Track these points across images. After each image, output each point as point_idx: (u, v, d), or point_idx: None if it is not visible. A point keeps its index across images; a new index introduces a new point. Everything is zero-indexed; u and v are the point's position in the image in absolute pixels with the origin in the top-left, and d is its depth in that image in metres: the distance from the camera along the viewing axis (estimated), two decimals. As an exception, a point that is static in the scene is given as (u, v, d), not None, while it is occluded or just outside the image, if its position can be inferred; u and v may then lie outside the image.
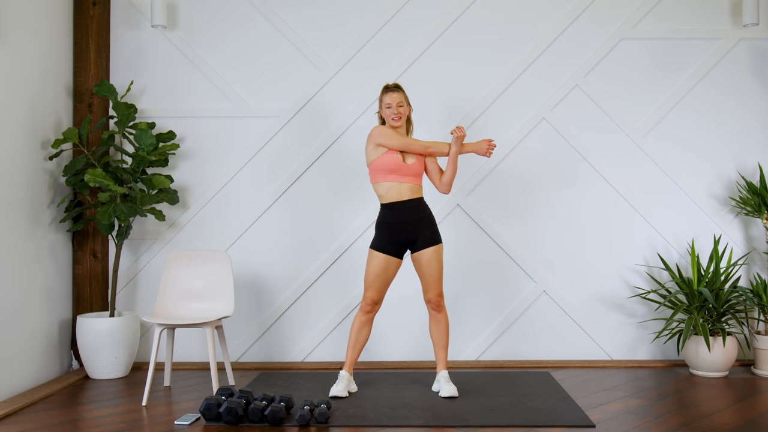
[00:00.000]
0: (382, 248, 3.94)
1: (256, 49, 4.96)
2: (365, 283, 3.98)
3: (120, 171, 4.54)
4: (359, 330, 4.02)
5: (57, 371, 4.57)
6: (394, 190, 3.92)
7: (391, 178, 3.92)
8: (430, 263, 3.93)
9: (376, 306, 4.01)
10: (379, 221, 3.99)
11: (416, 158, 3.96)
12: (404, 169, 3.91)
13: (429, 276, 3.94)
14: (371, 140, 3.95)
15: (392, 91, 3.98)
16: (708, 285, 4.53)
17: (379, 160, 3.92)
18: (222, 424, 3.49)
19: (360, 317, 4.02)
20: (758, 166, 4.82)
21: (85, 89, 4.80)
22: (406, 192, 3.93)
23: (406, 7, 4.94)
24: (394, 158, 3.90)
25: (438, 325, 4.01)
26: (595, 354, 4.86)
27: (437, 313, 4.00)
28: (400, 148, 3.92)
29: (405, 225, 3.92)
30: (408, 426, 3.44)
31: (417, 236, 3.93)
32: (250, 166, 4.93)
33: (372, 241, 4.00)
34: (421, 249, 3.93)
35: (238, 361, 4.88)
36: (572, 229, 4.89)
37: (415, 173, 3.95)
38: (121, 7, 4.96)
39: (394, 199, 3.92)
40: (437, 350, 4.04)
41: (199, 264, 4.36)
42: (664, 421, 3.51)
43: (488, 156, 4.03)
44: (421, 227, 3.93)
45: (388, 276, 3.98)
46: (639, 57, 4.92)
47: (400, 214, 3.92)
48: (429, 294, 3.97)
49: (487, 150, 4.00)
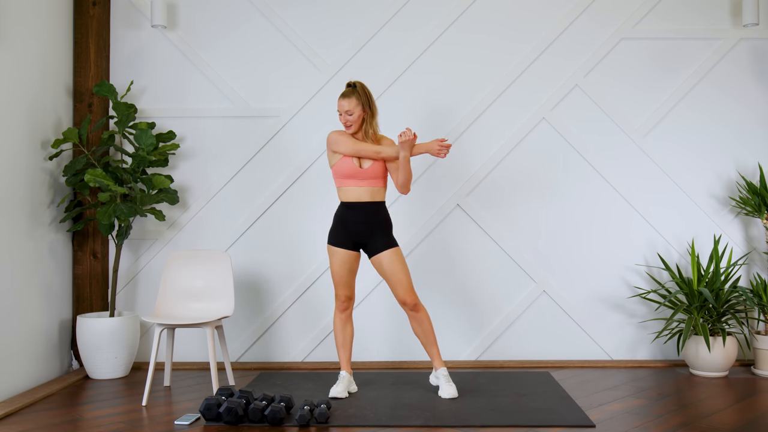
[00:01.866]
0: (339, 243, 3.96)
1: (256, 49, 4.96)
2: (333, 281, 4.02)
3: (120, 171, 4.54)
4: (343, 329, 4.05)
5: (57, 371, 4.57)
6: (353, 193, 3.95)
7: (350, 182, 3.94)
8: (392, 266, 3.93)
9: (350, 301, 4.05)
10: (337, 215, 4.02)
11: (372, 162, 3.95)
12: (361, 173, 3.93)
13: (395, 278, 3.94)
14: (327, 146, 3.99)
15: (342, 97, 3.93)
16: (708, 285, 4.53)
17: (336, 166, 3.95)
18: (222, 424, 3.49)
19: (338, 316, 4.05)
20: (758, 166, 4.82)
21: (85, 89, 4.80)
22: (365, 194, 3.94)
23: (406, 7, 4.94)
24: (350, 164, 3.92)
25: (420, 324, 4.00)
26: (595, 354, 4.86)
27: (416, 312, 3.98)
28: (353, 154, 3.92)
29: (359, 225, 3.94)
30: (408, 426, 3.44)
31: (370, 239, 3.95)
32: (250, 166, 4.93)
33: (328, 236, 4.02)
34: (377, 253, 3.95)
35: (238, 361, 4.88)
36: (572, 229, 4.89)
37: (373, 176, 3.95)
38: (121, 7, 4.96)
39: (352, 200, 3.95)
40: (428, 348, 4.03)
41: (199, 264, 4.36)
42: (664, 421, 3.51)
43: (442, 156, 3.92)
44: (375, 230, 3.95)
45: (352, 269, 4.01)
46: (639, 57, 4.92)
47: (356, 214, 3.94)
48: (400, 294, 3.95)
49: (439, 150, 3.90)
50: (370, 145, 3.97)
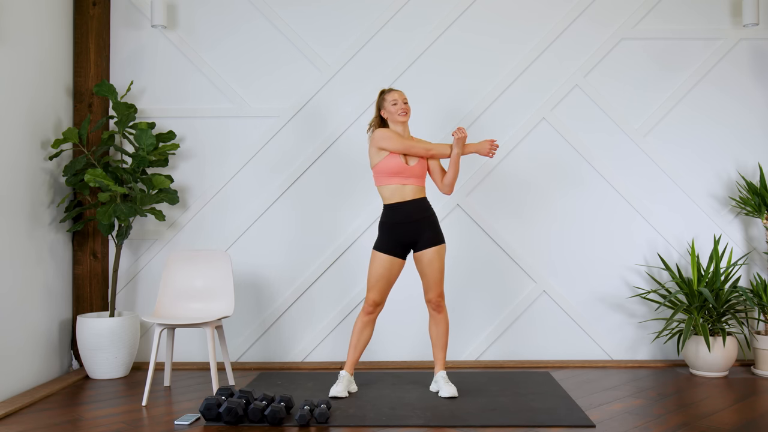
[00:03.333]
0: (386, 249, 3.94)
1: (256, 49, 4.96)
2: (368, 284, 3.99)
3: (120, 171, 4.54)
4: (361, 331, 4.03)
5: (57, 371, 4.57)
6: (397, 192, 3.93)
7: (395, 180, 3.93)
8: (431, 263, 3.93)
9: (378, 307, 4.02)
10: (382, 222, 4.00)
11: (419, 159, 3.97)
12: (407, 171, 3.92)
13: (430, 276, 3.95)
14: (374, 143, 3.96)
15: (395, 90, 4.03)
16: (708, 285, 4.53)
17: (382, 164, 3.93)
18: (222, 424, 3.49)
19: (362, 318, 4.02)
20: (758, 166, 4.82)
21: (85, 89, 4.80)
22: (409, 193, 3.94)
23: (406, 7, 4.94)
24: (397, 161, 3.91)
25: (438, 326, 4.02)
26: (595, 354, 4.86)
27: (437, 313, 4.00)
28: (402, 151, 3.92)
29: (407, 225, 3.92)
30: (408, 426, 3.44)
31: (419, 236, 3.94)
32: (250, 166, 4.93)
33: (375, 242, 4.01)
34: (423, 249, 3.94)
35: (238, 361, 4.88)
36: (572, 229, 4.89)
37: (418, 174, 3.96)
38: (121, 7, 4.96)
39: (397, 200, 3.94)
40: (436, 350, 4.04)
41: (199, 264, 4.36)
42: (664, 421, 3.51)
43: (491, 156, 4.02)
44: (424, 227, 3.94)
45: (391, 277, 3.98)
46: (639, 57, 4.92)
47: (403, 214, 3.92)
48: (429, 294, 3.98)
49: (489, 150, 3.99)
50: (420, 142, 4.01)
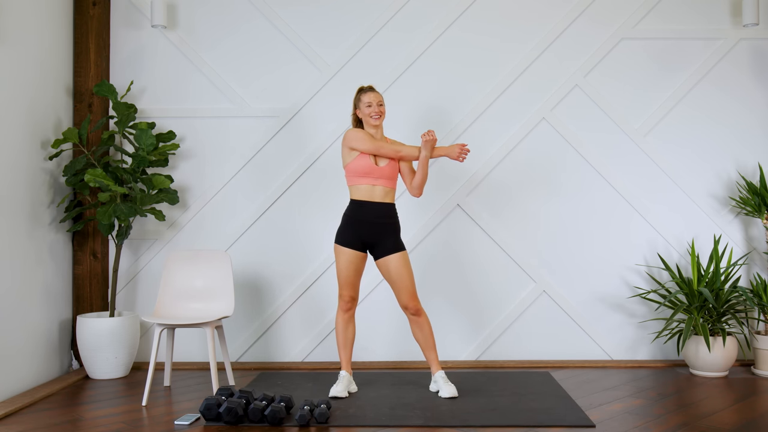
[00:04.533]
0: (347, 243, 3.95)
1: (256, 49, 4.96)
2: (339, 281, 4.01)
3: (120, 171, 4.54)
4: (344, 329, 4.05)
5: (57, 371, 4.57)
6: (366, 192, 3.94)
7: (365, 180, 3.94)
8: (399, 270, 3.93)
9: (354, 302, 4.04)
10: (346, 215, 4.00)
11: (389, 161, 3.96)
12: (376, 171, 3.93)
13: (401, 283, 3.94)
14: (345, 143, 3.98)
15: (371, 90, 4.00)
16: (708, 285, 4.53)
17: (352, 164, 3.94)
18: (222, 424, 3.49)
19: (341, 316, 4.04)
20: (758, 166, 4.82)
21: (85, 89, 4.80)
22: (378, 194, 3.94)
23: (406, 7, 4.94)
24: (367, 161, 3.92)
25: (421, 329, 4.01)
26: (595, 354, 4.86)
27: (417, 317, 3.99)
28: (372, 151, 3.93)
29: (369, 225, 3.93)
30: (408, 426, 3.44)
31: (379, 240, 3.94)
32: (251, 166, 4.93)
33: (336, 235, 4.00)
34: (384, 255, 3.94)
35: (238, 361, 4.88)
36: (572, 229, 4.89)
37: (388, 176, 3.96)
38: (121, 7, 4.96)
39: (364, 198, 3.94)
40: (426, 353, 4.04)
41: (199, 264, 4.36)
42: (664, 421, 3.51)
43: (461, 161, 3.99)
44: (385, 232, 3.94)
45: (358, 270, 3.99)
46: (639, 57, 4.92)
47: (367, 213, 3.93)
48: (404, 300, 3.97)
49: (459, 154, 3.96)
50: (390, 143, 4.00)
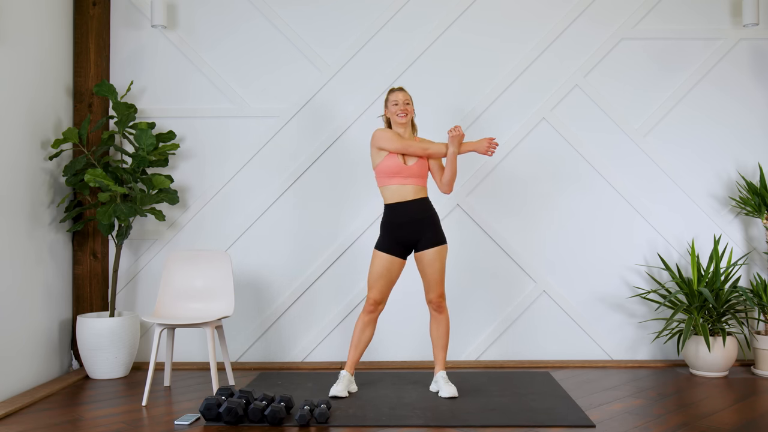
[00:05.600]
0: (386, 248, 3.95)
1: (256, 49, 4.96)
2: (369, 283, 3.99)
3: (120, 171, 4.54)
4: (362, 330, 4.03)
5: (57, 371, 4.57)
6: (397, 192, 3.94)
7: (395, 180, 3.94)
8: (432, 263, 3.94)
9: (379, 306, 4.01)
10: (383, 221, 4.00)
11: (417, 159, 3.97)
12: (405, 171, 3.93)
13: (431, 276, 3.95)
14: (373, 144, 3.98)
15: (399, 90, 4.04)
16: (708, 285, 4.53)
17: (381, 164, 3.94)
18: (222, 424, 3.49)
19: (363, 318, 4.02)
20: (758, 166, 4.82)
21: (85, 89, 4.80)
22: (409, 193, 3.94)
23: (406, 7, 4.94)
24: (395, 161, 3.92)
25: (439, 326, 4.02)
26: (595, 354, 4.86)
27: (438, 313, 4.00)
28: (400, 150, 3.93)
29: (408, 224, 3.92)
30: (408, 426, 3.44)
31: (420, 235, 3.94)
32: (250, 166, 4.93)
33: (376, 242, 4.01)
34: (424, 249, 3.94)
35: (238, 361, 4.88)
36: (572, 229, 4.89)
37: (418, 174, 3.96)
38: (121, 7, 4.96)
39: (397, 200, 3.94)
40: (436, 351, 4.04)
41: (199, 264, 4.36)
42: (664, 421, 3.51)
43: (489, 155, 4.02)
44: (425, 226, 3.94)
45: (392, 277, 3.98)
46: (639, 57, 4.92)
47: (403, 213, 3.93)
48: (431, 294, 3.98)
49: (487, 148, 3.99)
50: (417, 141, 4.01)
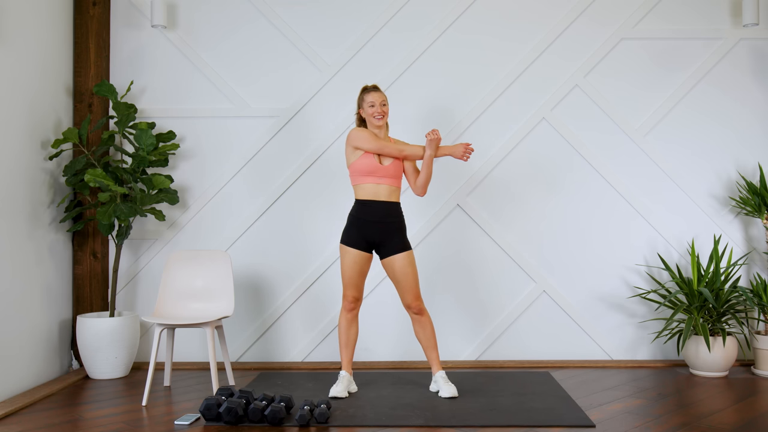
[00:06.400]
0: (352, 243, 3.95)
1: (256, 49, 4.96)
2: (343, 281, 4.00)
3: (120, 171, 4.54)
4: (347, 329, 4.04)
5: (57, 371, 4.57)
6: (371, 190, 3.94)
7: (369, 179, 3.94)
8: (404, 270, 3.93)
9: (358, 302, 4.04)
10: (351, 214, 4.00)
11: (393, 160, 3.97)
12: (381, 170, 3.93)
13: (405, 282, 3.95)
14: (348, 143, 3.98)
15: (375, 90, 4.01)
16: (708, 285, 4.53)
17: (356, 163, 3.95)
18: (222, 424, 3.49)
19: (345, 316, 4.04)
20: (758, 166, 4.82)
21: (85, 89, 4.80)
22: (383, 193, 3.94)
23: (405, 8, 4.94)
24: (371, 160, 3.92)
25: (423, 328, 4.02)
26: (595, 354, 4.86)
27: (420, 316, 4.00)
28: (376, 151, 3.93)
29: (375, 224, 3.92)
30: (408, 426, 3.44)
31: (385, 239, 3.94)
32: (251, 166, 4.93)
33: (342, 235, 4.01)
34: (390, 255, 3.94)
35: (238, 361, 4.88)
36: (572, 229, 4.89)
37: (392, 175, 3.96)
38: (121, 7, 4.96)
39: (370, 197, 3.94)
40: (428, 352, 4.04)
41: (199, 264, 4.37)
42: (664, 421, 3.51)
43: (465, 160, 4.00)
44: (391, 231, 3.94)
45: (363, 271, 3.99)
46: (639, 57, 4.92)
47: (374, 212, 3.93)
48: (408, 299, 3.97)
49: (463, 153, 3.97)
50: (394, 142, 4.00)
